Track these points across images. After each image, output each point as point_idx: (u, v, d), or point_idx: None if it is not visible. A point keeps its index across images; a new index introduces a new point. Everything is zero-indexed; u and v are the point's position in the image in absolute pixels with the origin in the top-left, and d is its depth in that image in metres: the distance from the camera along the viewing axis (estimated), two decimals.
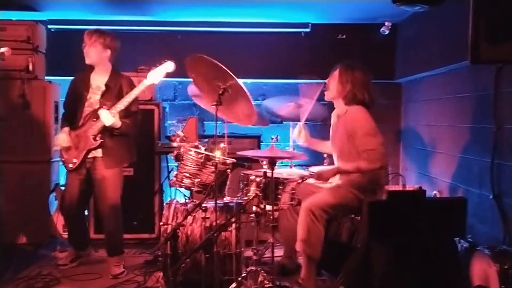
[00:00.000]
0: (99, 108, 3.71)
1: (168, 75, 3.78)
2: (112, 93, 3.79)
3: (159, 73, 3.67)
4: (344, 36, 5.19)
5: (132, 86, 3.80)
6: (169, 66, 3.68)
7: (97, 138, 3.71)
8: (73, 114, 3.83)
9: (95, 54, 3.78)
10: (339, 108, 3.56)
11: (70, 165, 3.78)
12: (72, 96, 3.90)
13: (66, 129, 3.80)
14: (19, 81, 4.42)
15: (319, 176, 3.43)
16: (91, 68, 3.86)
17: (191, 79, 3.65)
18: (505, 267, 2.83)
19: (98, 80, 3.84)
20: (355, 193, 3.34)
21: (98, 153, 3.77)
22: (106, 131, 3.72)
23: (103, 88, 3.81)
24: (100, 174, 3.79)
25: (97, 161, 3.78)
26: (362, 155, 3.27)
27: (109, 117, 3.62)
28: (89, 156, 3.76)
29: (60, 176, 4.79)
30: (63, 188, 4.55)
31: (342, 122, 3.48)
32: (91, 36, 3.77)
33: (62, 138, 3.77)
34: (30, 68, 4.51)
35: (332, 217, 3.36)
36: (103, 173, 3.79)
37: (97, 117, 3.69)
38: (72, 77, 3.99)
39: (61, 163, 3.96)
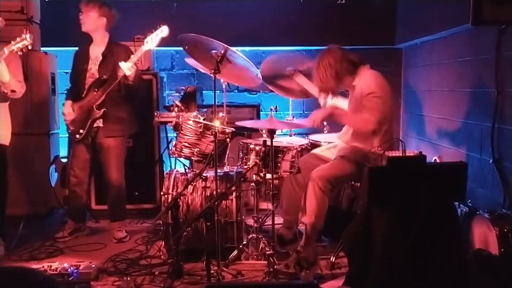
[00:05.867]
0: (98, 78, 3.81)
1: (165, 43, 3.74)
2: (109, 63, 3.84)
3: (155, 38, 3.69)
4: (344, 1, 5.09)
5: (130, 55, 3.82)
6: (164, 30, 3.68)
7: (101, 108, 3.79)
8: (77, 87, 3.93)
9: (90, 22, 3.85)
10: (352, 81, 3.47)
11: (77, 136, 3.86)
12: (75, 70, 4.00)
13: (68, 102, 3.91)
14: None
15: (312, 118, 3.35)
16: (90, 40, 3.94)
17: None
18: (505, 230, 2.85)
19: (96, 51, 3.92)
20: (359, 162, 3.33)
21: (100, 122, 3.86)
22: (109, 100, 3.79)
23: (101, 57, 3.87)
24: (105, 143, 3.89)
25: (99, 131, 3.88)
26: (362, 111, 3.26)
27: (128, 67, 3.66)
28: (94, 125, 3.85)
29: (60, 148, 4.79)
30: (63, 160, 4.58)
31: (357, 90, 3.41)
32: (87, 4, 3.83)
33: (67, 109, 3.88)
34: None
35: (336, 187, 3.36)
36: (108, 142, 3.89)
37: (99, 87, 3.77)
38: (70, 48, 4.10)
39: (68, 135, 4.01)
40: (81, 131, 3.84)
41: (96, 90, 3.78)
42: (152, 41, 3.68)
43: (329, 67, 3.34)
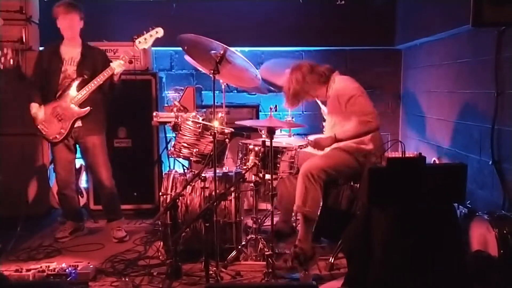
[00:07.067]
0: (76, 78, 3.77)
1: (164, 44, 3.75)
2: (88, 63, 3.83)
3: (148, 40, 3.73)
4: (343, 2, 5.09)
5: (107, 60, 3.86)
6: (159, 32, 3.72)
7: (83, 107, 3.76)
8: (47, 88, 3.84)
9: (76, 26, 3.83)
10: (323, 93, 3.62)
11: (58, 136, 3.81)
12: (44, 70, 3.88)
13: (35, 105, 3.79)
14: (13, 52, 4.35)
15: (316, 144, 3.46)
16: (59, 41, 3.90)
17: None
18: (504, 232, 2.85)
19: (70, 52, 3.87)
20: (352, 154, 3.38)
21: (79, 122, 3.82)
22: (89, 100, 3.77)
23: (78, 58, 3.84)
24: (89, 142, 3.88)
25: (80, 130, 3.85)
26: (356, 118, 3.35)
27: (120, 65, 3.71)
28: (75, 125, 3.81)
29: None
30: None
31: (333, 98, 3.54)
32: (71, 9, 3.79)
33: (39, 112, 3.77)
34: (24, 39, 4.45)
35: (330, 179, 3.39)
36: (92, 141, 3.88)
37: (80, 87, 3.74)
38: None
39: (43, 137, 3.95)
40: (62, 131, 3.78)
41: (77, 89, 3.74)
42: (146, 41, 3.73)
43: (296, 81, 3.55)
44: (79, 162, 4.27)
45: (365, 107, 3.38)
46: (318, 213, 3.34)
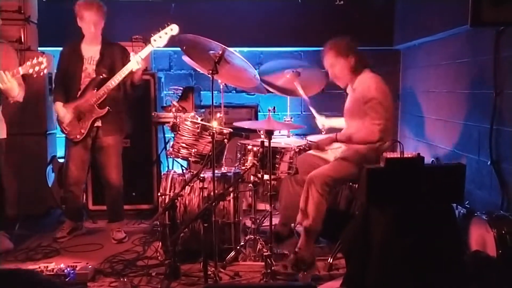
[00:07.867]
0: (96, 78, 3.76)
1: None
2: (106, 62, 3.82)
3: (163, 37, 3.69)
4: (342, 2, 5.09)
5: (126, 54, 3.83)
6: (174, 29, 3.69)
7: (103, 107, 3.76)
8: (69, 87, 3.85)
9: (100, 26, 3.82)
10: (352, 83, 3.51)
11: (78, 136, 3.82)
12: (66, 70, 3.89)
13: (59, 103, 3.82)
14: None
15: (317, 146, 3.43)
16: (79, 39, 3.88)
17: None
18: (503, 232, 2.85)
19: (91, 50, 3.87)
20: (360, 164, 3.32)
21: (99, 122, 3.83)
22: (109, 99, 3.76)
23: (98, 57, 3.83)
24: (105, 142, 3.88)
25: (99, 130, 3.85)
26: (364, 124, 3.26)
27: (136, 62, 3.66)
28: (94, 125, 3.82)
29: (57, 148, 4.78)
30: (60, 160, 4.56)
31: (357, 93, 3.42)
32: (97, 8, 3.76)
33: (63, 113, 3.79)
34: (23, 39, 4.44)
35: (334, 188, 3.36)
36: (108, 141, 3.88)
37: (99, 87, 3.73)
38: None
39: (64, 136, 3.96)
40: (82, 131, 3.80)
41: (96, 89, 3.74)
42: (161, 39, 3.67)
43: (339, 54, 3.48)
44: None
45: (378, 115, 3.23)
46: (321, 224, 3.29)
